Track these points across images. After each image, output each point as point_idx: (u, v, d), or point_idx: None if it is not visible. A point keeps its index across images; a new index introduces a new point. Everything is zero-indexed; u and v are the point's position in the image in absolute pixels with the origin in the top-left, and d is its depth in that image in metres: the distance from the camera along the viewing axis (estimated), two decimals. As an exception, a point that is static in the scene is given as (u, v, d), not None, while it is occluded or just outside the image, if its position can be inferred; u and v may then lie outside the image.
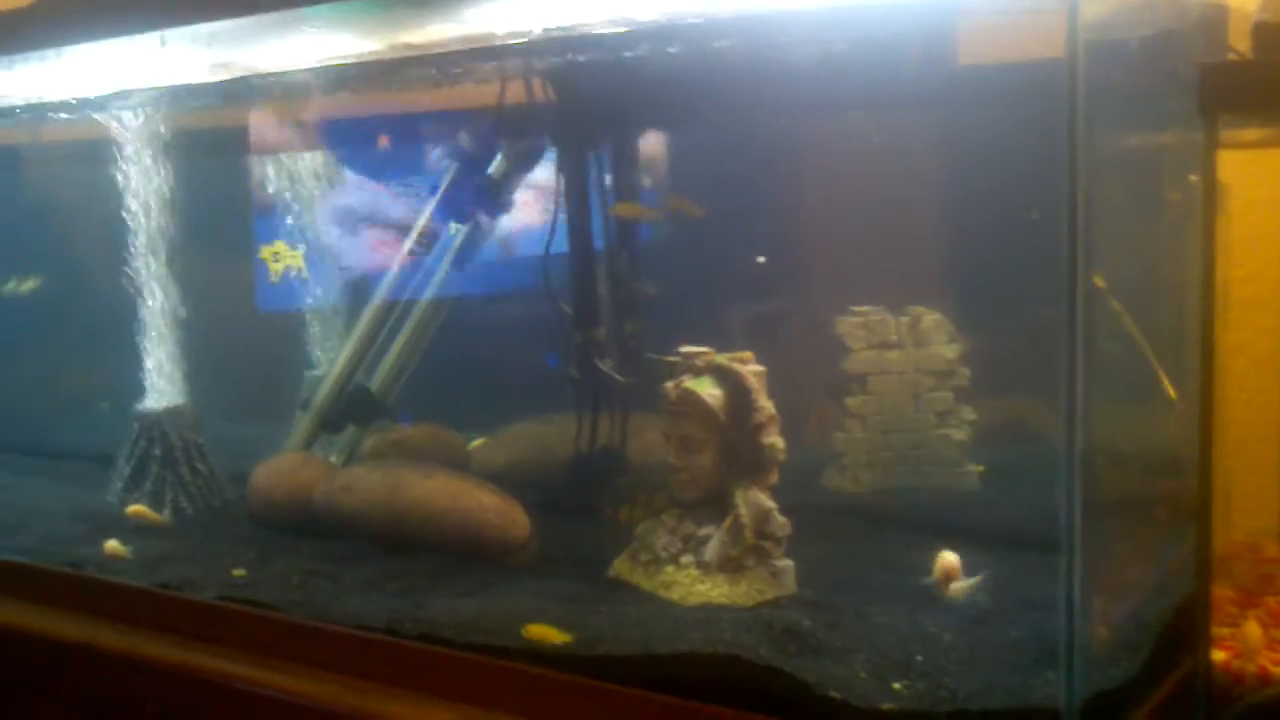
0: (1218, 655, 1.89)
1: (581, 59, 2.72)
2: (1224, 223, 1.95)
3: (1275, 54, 1.87)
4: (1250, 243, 2.49)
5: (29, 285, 4.49)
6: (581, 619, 2.26)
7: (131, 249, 3.45)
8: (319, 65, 2.89)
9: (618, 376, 3.09)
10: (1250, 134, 2.26)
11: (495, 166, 3.34)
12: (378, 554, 2.79)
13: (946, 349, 3.02)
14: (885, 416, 3.05)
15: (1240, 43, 2.06)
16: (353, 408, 3.45)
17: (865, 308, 3.05)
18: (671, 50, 2.54)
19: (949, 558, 2.29)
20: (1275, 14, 1.91)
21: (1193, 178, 1.92)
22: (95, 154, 3.50)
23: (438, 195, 3.37)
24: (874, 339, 3.05)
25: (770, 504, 2.39)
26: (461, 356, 3.64)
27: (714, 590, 2.35)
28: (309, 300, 3.75)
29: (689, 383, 2.43)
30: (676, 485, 2.48)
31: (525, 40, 2.56)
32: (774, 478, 2.41)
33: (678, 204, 3.05)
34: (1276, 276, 2.46)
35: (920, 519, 2.79)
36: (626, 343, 3.13)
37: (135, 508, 3.23)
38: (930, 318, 3.02)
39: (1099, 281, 1.79)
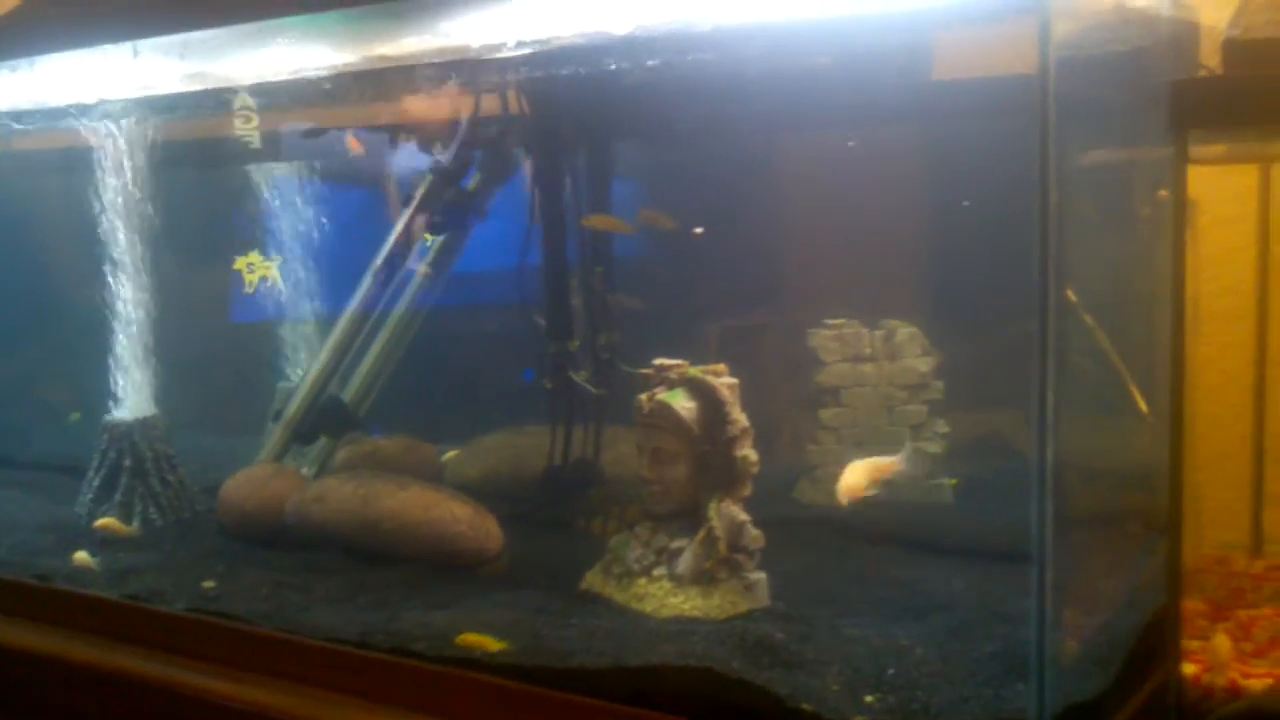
0: (1188, 668, 1.90)
1: (555, 72, 2.72)
2: (1194, 238, 1.96)
3: (1245, 70, 1.89)
4: (1220, 258, 2.51)
5: None
6: (554, 631, 2.26)
7: (103, 259, 3.42)
8: (292, 77, 2.88)
9: (591, 388, 3.08)
10: (1220, 150, 2.28)
11: (470, 178, 3.34)
12: (350, 566, 2.78)
13: (920, 362, 3.03)
14: (859, 429, 3.05)
15: (1211, 59, 2.07)
16: (325, 419, 3.43)
17: (839, 320, 3.06)
18: (646, 64, 2.55)
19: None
20: (1245, 31, 1.93)
21: (1163, 193, 1.93)
22: (68, 164, 3.48)
23: (412, 207, 3.36)
24: (848, 352, 3.05)
25: (743, 516, 2.39)
26: (435, 368, 3.63)
27: (687, 603, 2.34)
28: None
29: (662, 395, 2.43)
30: (649, 498, 2.48)
31: (500, 54, 2.57)
32: (747, 490, 2.42)
33: (651, 217, 3.05)
34: (1246, 291, 2.47)
35: (892, 532, 2.79)
36: (600, 355, 3.13)
37: (103, 520, 3.20)
38: (904, 331, 3.03)
39: (1070, 296, 1.80)
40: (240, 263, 3.64)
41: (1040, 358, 1.74)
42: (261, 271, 3.66)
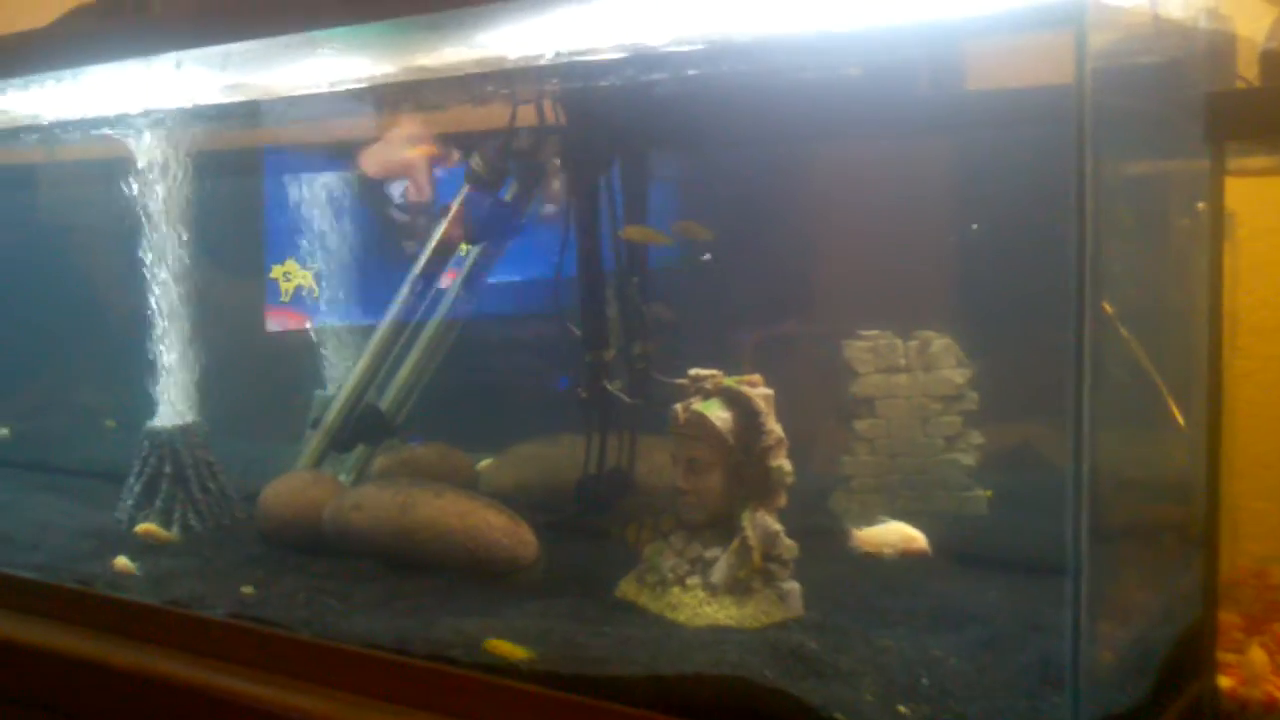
0: (1224, 681, 1.89)
1: (593, 83, 2.74)
2: (1231, 250, 1.95)
3: (1283, 82, 1.89)
4: (1258, 270, 2.50)
5: None
6: (588, 639, 2.27)
7: (143, 266, 3.46)
8: (334, 88, 2.92)
9: (626, 398, 3.09)
10: (1258, 161, 2.27)
11: (507, 189, 3.36)
12: (387, 572, 2.79)
13: (955, 373, 3.02)
14: (893, 440, 3.04)
15: (1249, 71, 2.07)
16: (363, 427, 3.46)
17: (873, 331, 3.05)
18: (681, 76, 2.56)
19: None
20: (1283, 42, 1.93)
21: (1200, 205, 1.92)
22: (109, 173, 3.52)
23: (449, 216, 3.38)
24: (882, 363, 3.04)
25: (777, 526, 2.40)
26: (470, 376, 3.65)
27: (721, 612, 2.35)
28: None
29: (698, 405, 2.44)
30: (684, 507, 2.49)
31: (538, 64, 2.59)
32: (782, 500, 2.42)
33: (688, 228, 3.06)
34: (1285, 304, 2.46)
35: (928, 543, 2.79)
36: (635, 365, 3.14)
37: (144, 526, 3.23)
38: (939, 342, 3.02)
39: (1107, 307, 1.80)
40: (277, 270, 3.67)
41: (1076, 369, 1.75)
42: (298, 280, 3.69)
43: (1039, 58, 2.26)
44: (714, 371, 2.48)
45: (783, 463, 2.40)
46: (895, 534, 2.39)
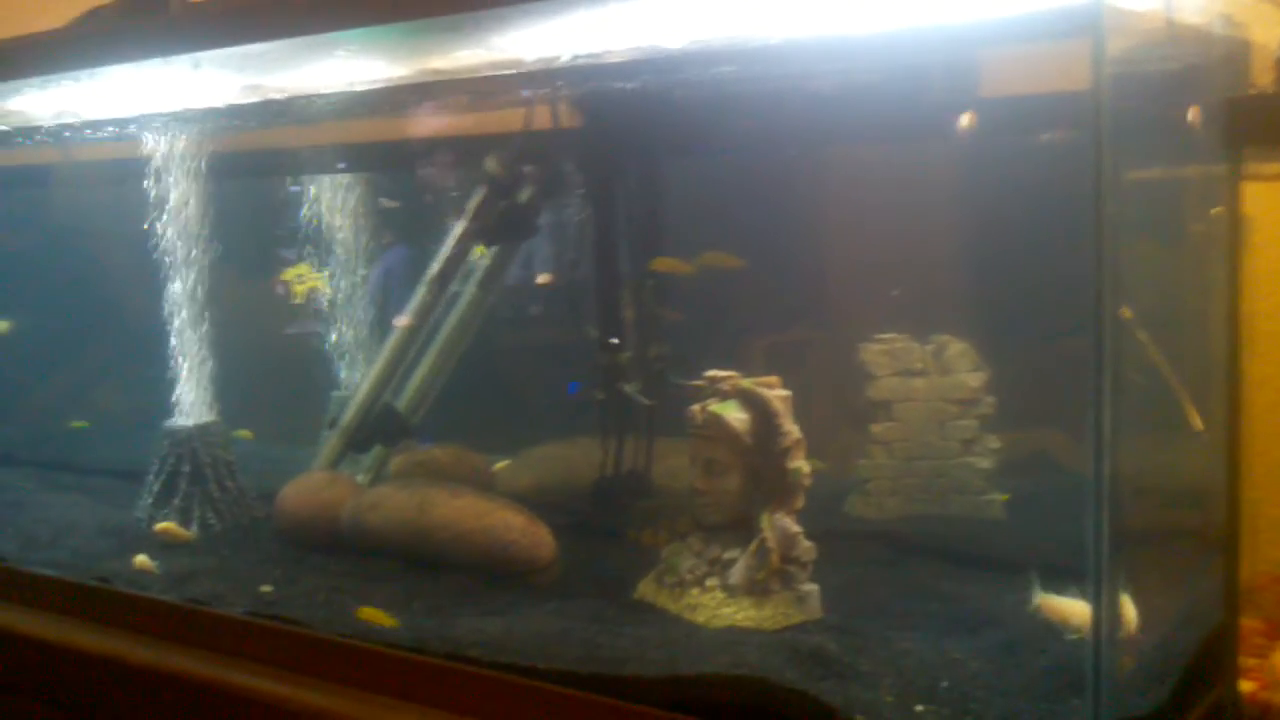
0: (1245, 686, 1.90)
1: (609, 86, 2.75)
2: (1249, 255, 1.95)
3: (1298, 89, 1.89)
4: (1276, 275, 2.49)
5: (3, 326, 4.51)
6: (607, 640, 2.28)
7: (164, 268, 3.47)
8: (349, 90, 2.93)
9: (643, 400, 3.10)
10: (1275, 167, 2.27)
11: (523, 192, 3.37)
12: (404, 572, 2.81)
13: (971, 377, 3.03)
14: (910, 444, 3.05)
15: (1262, 78, 2.07)
16: (379, 427, 3.47)
17: (890, 335, 3.07)
18: (696, 79, 2.57)
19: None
20: (1298, 49, 1.93)
21: (1218, 210, 1.93)
22: (129, 174, 3.53)
23: (465, 219, 3.39)
24: (899, 366, 3.06)
25: (796, 528, 2.40)
26: (487, 378, 3.66)
27: (739, 613, 2.36)
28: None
29: (715, 407, 2.45)
30: (702, 509, 2.49)
31: (554, 67, 2.60)
32: (800, 502, 2.43)
33: (716, 259, 3.05)
34: (1302, 309, 2.46)
35: (944, 547, 2.80)
36: (652, 367, 3.15)
37: (163, 525, 3.25)
38: (955, 346, 3.03)
39: (1125, 313, 1.80)
40: (290, 273, 3.68)
41: (1096, 374, 1.75)
42: (311, 283, 3.71)
43: (1056, 64, 2.26)
44: (731, 373, 2.49)
45: (801, 464, 2.41)
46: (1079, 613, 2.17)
